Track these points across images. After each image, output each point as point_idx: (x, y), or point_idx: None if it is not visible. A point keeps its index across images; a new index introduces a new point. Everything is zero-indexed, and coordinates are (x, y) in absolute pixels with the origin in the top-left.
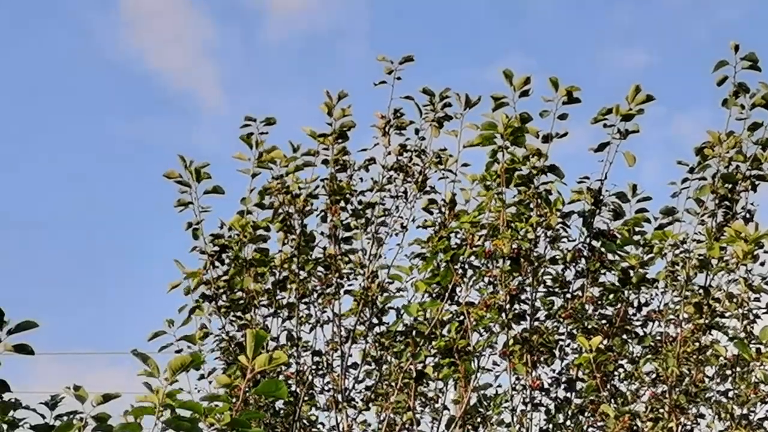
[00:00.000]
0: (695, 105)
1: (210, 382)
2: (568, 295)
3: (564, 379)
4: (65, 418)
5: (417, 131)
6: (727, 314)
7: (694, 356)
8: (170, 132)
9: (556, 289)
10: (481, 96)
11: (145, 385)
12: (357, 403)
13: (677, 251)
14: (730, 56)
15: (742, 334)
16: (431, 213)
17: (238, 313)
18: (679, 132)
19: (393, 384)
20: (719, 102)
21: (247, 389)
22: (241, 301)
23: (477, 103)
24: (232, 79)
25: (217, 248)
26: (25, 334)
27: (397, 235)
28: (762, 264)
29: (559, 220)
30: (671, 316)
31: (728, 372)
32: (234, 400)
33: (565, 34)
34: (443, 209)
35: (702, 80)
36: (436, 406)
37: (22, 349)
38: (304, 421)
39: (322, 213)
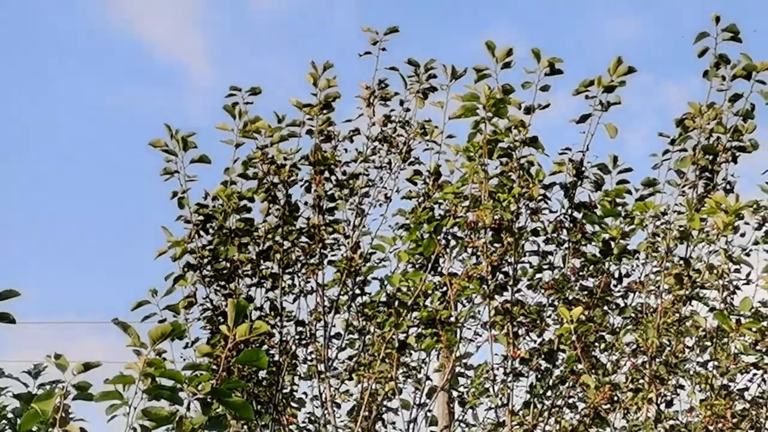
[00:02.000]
0: (685, 73)
1: (195, 351)
2: (546, 266)
3: (545, 350)
4: (48, 387)
5: (402, 102)
6: (707, 285)
7: (674, 327)
8: (157, 103)
9: (537, 260)
10: (467, 68)
11: (135, 353)
12: (340, 372)
13: (658, 222)
14: (712, 28)
15: (722, 306)
16: (415, 184)
17: (222, 283)
18: (668, 100)
19: (376, 354)
20: (701, 73)
21: (228, 358)
22: (225, 271)
23: (463, 74)
24: (221, 49)
25: (202, 218)
26: (7, 302)
27: (380, 205)
28: (742, 235)
29: (541, 191)
30: (652, 287)
31: (708, 343)
32: (216, 369)
33: (556, 3)
34: (427, 180)
35: (691, 49)
36: (419, 376)
37: (4, 317)
38: (287, 391)
39: (307, 183)
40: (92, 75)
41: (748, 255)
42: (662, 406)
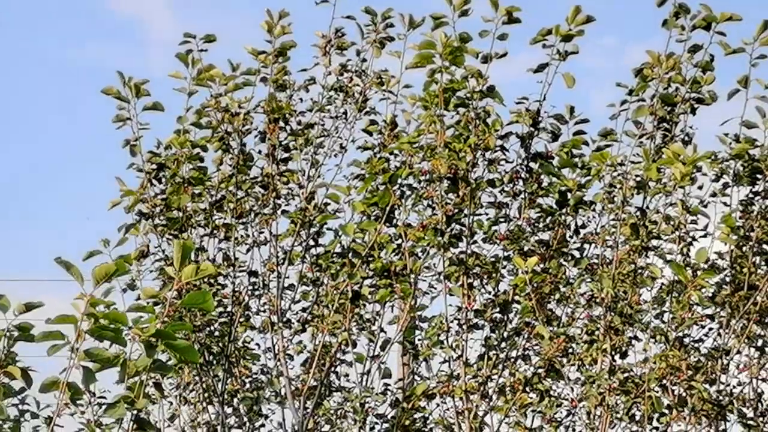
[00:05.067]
0: (651, 35)
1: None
2: (502, 218)
3: (500, 301)
4: None
5: (358, 52)
6: (663, 237)
7: (630, 278)
8: (120, 57)
9: (494, 212)
10: (425, 17)
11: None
12: (293, 324)
13: (615, 173)
14: None
15: (679, 257)
16: (371, 134)
17: (175, 232)
18: (633, 62)
19: (329, 305)
20: (660, 23)
21: (174, 301)
22: (178, 220)
23: (421, 24)
24: (182, 2)
25: (154, 166)
26: None
27: (336, 156)
28: (700, 187)
29: (498, 141)
30: (608, 238)
31: (665, 296)
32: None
33: None
34: (383, 130)
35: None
36: (373, 328)
37: None
38: (240, 342)
39: (261, 133)
40: (53, 30)
41: (705, 206)
42: (616, 358)
